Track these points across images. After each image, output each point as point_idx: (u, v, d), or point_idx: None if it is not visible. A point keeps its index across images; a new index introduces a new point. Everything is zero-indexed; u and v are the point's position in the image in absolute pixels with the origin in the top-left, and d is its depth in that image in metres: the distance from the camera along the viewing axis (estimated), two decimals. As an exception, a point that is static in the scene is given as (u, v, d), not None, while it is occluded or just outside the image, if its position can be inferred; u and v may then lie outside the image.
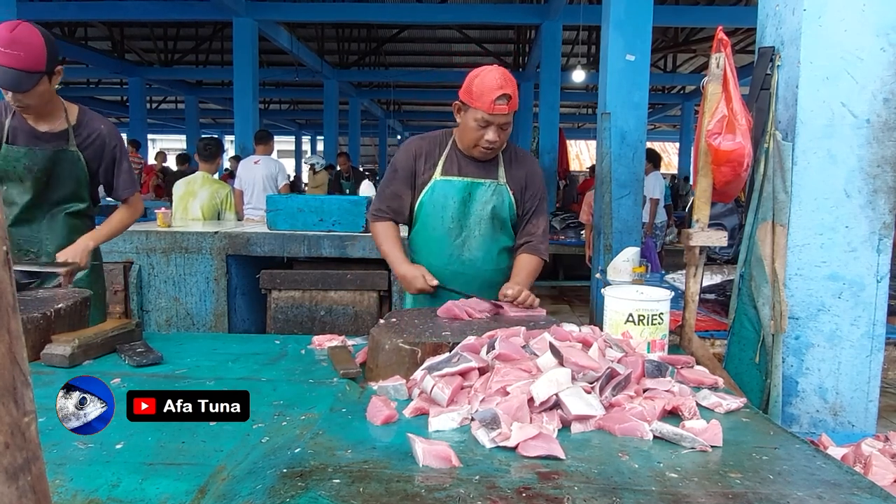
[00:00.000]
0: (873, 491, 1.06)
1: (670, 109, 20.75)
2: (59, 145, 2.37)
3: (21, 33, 2.11)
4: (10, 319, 0.51)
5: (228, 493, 1.02)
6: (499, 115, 2.04)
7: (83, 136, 2.41)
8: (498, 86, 2.02)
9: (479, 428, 1.21)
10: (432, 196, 2.21)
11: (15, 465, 0.50)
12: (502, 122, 2.07)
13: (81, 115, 2.43)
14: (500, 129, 2.09)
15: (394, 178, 2.26)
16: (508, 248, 2.30)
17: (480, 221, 2.21)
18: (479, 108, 2.04)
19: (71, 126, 2.39)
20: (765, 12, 2.28)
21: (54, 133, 2.36)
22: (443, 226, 2.22)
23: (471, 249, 2.22)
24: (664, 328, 1.77)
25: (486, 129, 2.07)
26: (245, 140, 10.34)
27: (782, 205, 2.08)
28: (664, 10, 10.80)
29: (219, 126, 28.51)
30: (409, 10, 12.07)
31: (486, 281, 2.24)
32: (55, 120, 2.37)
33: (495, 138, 2.08)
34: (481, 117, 2.05)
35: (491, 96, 2.02)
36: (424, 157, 2.23)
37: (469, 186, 2.20)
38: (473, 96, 2.06)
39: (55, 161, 2.37)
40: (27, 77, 2.14)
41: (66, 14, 12.22)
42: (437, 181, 2.20)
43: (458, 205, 2.20)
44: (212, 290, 3.77)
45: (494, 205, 2.20)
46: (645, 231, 6.33)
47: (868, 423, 2.14)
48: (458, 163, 2.21)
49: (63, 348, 1.69)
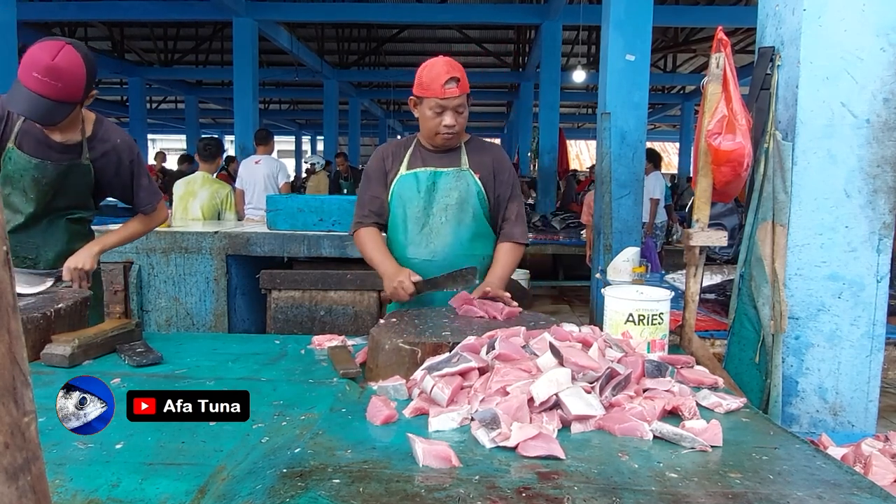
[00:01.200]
0: (873, 491, 1.06)
1: (670, 109, 20.75)
2: (72, 159, 2.21)
3: (64, 61, 1.91)
4: (10, 319, 0.50)
5: (228, 493, 1.02)
6: (450, 97, 2.12)
7: (98, 150, 2.25)
8: (445, 71, 2.12)
9: (479, 428, 1.21)
10: (399, 189, 2.27)
11: (15, 465, 0.50)
12: (456, 105, 2.14)
13: (97, 126, 2.26)
14: (456, 113, 2.16)
15: (368, 183, 2.35)
16: (482, 235, 2.29)
17: (447, 208, 2.23)
18: (431, 96, 2.13)
19: (85, 138, 2.22)
20: (765, 12, 2.28)
21: (68, 145, 2.20)
22: (409, 217, 2.25)
23: (439, 236, 2.24)
24: (664, 328, 1.77)
25: (441, 114, 2.15)
26: (245, 140, 10.34)
27: (782, 205, 2.08)
28: (664, 10, 10.80)
29: (219, 126, 28.50)
30: (409, 10, 12.07)
31: (459, 268, 2.21)
32: (72, 131, 2.20)
33: (452, 122, 2.15)
34: (435, 104, 2.14)
35: (439, 81, 2.11)
36: (391, 158, 2.32)
37: (432, 176, 2.25)
38: (424, 86, 2.14)
39: (65, 174, 2.22)
40: (60, 109, 1.98)
41: (66, 14, 12.23)
42: (402, 175, 2.27)
43: (424, 194, 2.24)
44: (212, 290, 3.77)
45: (460, 191, 2.23)
46: (645, 231, 6.33)
47: (868, 423, 2.14)
48: (421, 157, 2.28)
49: (63, 348, 1.69)
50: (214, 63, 17.66)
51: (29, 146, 2.17)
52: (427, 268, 2.19)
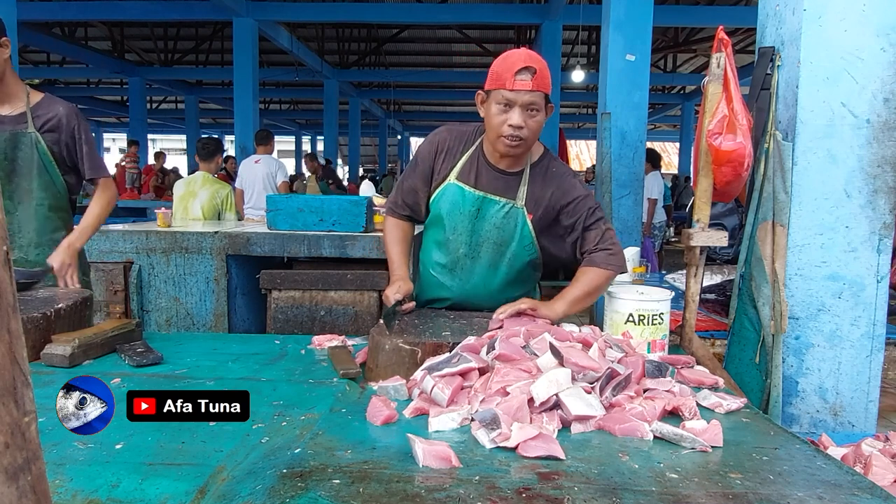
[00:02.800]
0: (873, 491, 1.05)
1: (670, 109, 20.76)
2: (18, 128, 2.37)
3: None
4: (10, 319, 0.50)
5: (228, 494, 1.02)
6: (521, 91, 1.77)
7: (42, 119, 2.40)
8: (521, 59, 1.78)
9: (479, 428, 1.21)
10: (443, 198, 2.01)
11: (15, 465, 0.50)
12: (526, 102, 1.79)
13: (44, 100, 2.43)
14: (526, 113, 1.80)
15: (414, 170, 2.09)
16: (516, 282, 2.04)
17: (483, 244, 1.98)
18: (499, 87, 1.80)
19: (29, 108, 2.39)
20: (765, 12, 2.28)
21: (12, 116, 2.37)
22: (446, 235, 2.02)
23: (464, 270, 2.02)
24: (664, 328, 1.77)
25: (508, 112, 1.81)
26: (245, 140, 10.34)
27: (782, 205, 2.08)
28: (664, 10, 10.80)
29: (219, 126, 28.51)
30: (409, 10, 12.09)
31: (481, 308, 2.01)
32: (15, 103, 2.38)
33: (520, 122, 1.79)
34: (502, 97, 1.80)
35: (512, 70, 1.77)
36: (445, 153, 2.03)
37: (480, 202, 1.96)
38: (494, 77, 1.82)
39: (14, 144, 2.37)
40: None
41: (66, 14, 12.23)
42: (450, 184, 1.99)
43: (467, 219, 1.98)
44: (212, 290, 3.77)
45: (503, 231, 1.96)
46: (643, 231, 6.33)
47: (868, 423, 2.14)
48: (475, 171, 1.97)
49: (63, 348, 1.68)
50: (214, 63, 17.66)
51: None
52: (449, 293, 2.06)
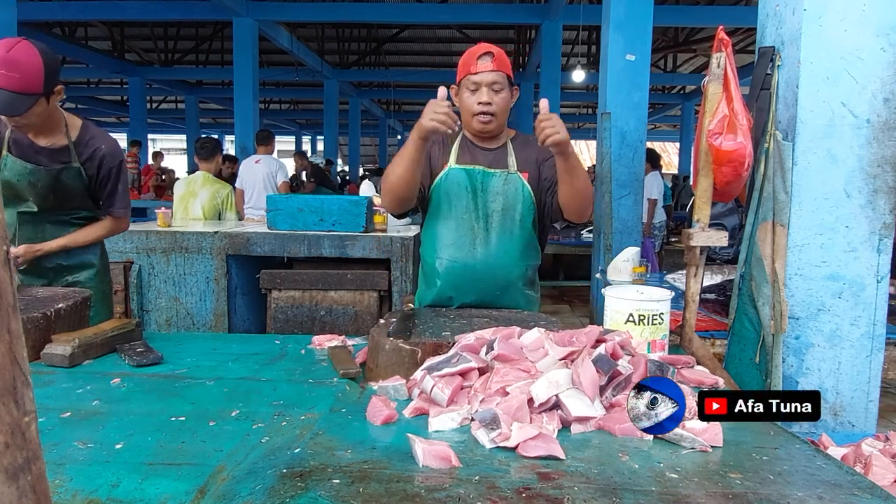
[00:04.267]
0: (874, 491, 1.05)
1: (670, 109, 20.75)
2: (63, 163, 2.33)
3: (18, 53, 2.03)
4: (10, 319, 0.50)
5: (228, 494, 1.02)
6: (484, 72, 2.02)
7: (85, 155, 2.36)
8: (480, 48, 2.04)
9: (479, 428, 1.21)
10: (447, 183, 2.14)
11: (15, 465, 0.50)
12: (490, 81, 2.03)
13: (84, 130, 2.38)
14: (492, 91, 2.04)
15: None
16: (529, 247, 2.16)
17: (492, 214, 2.11)
18: (466, 74, 2.05)
19: (72, 142, 2.34)
20: (765, 12, 2.28)
21: (55, 149, 2.32)
22: (455, 215, 2.13)
23: (483, 245, 2.11)
24: (664, 328, 1.77)
25: (476, 92, 2.05)
26: (245, 140, 10.33)
27: (782, 205, 2.08)
28: (664, 10, 10.80)
29: (219, 126, 28.51)
30: (409, 10, 12.08)
31: (503, 282, 2.12)
32: (55, 135, 2.31)
33: (488, 99, 2.04)
34: (470, 82, 2.05)
35: (474, 57, 2.03)
36: (440, 145, 2.19)
37: (481, 175, 2.12)
38: (460, 68, 2.08)
39: (58, 178, 2.33)
40: (22, 100, 2.07)
41: (66, 14, 12.23)
42: (452, 168, 2.14)
43: (471, 195, 2.12)
44: (212, 290, 3.77)
45: (506, 196, 2.11)
46: (643, 231, 6.33)
47: (868, 423, 2.14)
48: (469, 151, 2.16)
49: (63, 348, 1.69)
50: (214, 63, 17.66)
51: (20, 153, 2.29)
52: (467, 273, 2.10)
